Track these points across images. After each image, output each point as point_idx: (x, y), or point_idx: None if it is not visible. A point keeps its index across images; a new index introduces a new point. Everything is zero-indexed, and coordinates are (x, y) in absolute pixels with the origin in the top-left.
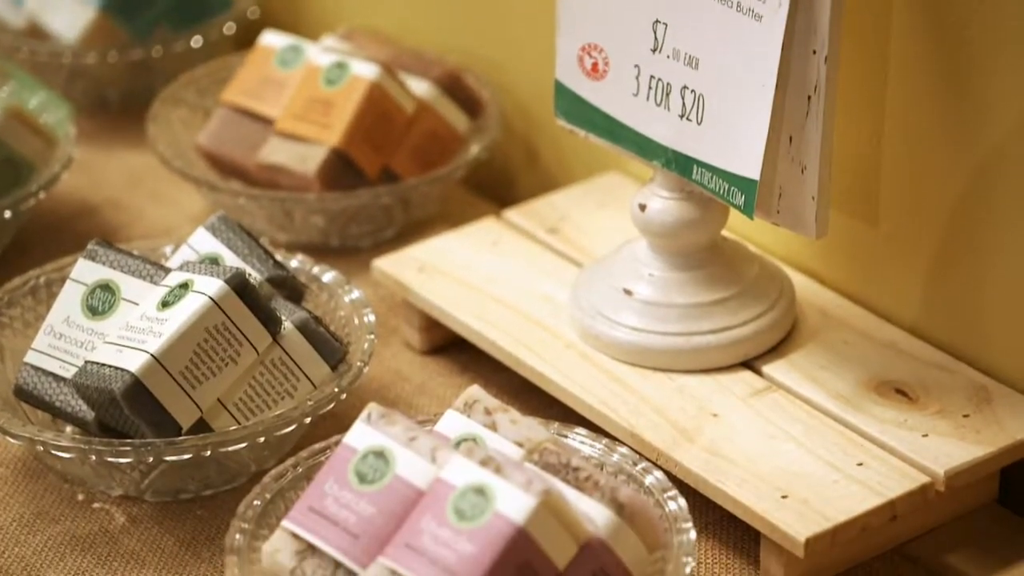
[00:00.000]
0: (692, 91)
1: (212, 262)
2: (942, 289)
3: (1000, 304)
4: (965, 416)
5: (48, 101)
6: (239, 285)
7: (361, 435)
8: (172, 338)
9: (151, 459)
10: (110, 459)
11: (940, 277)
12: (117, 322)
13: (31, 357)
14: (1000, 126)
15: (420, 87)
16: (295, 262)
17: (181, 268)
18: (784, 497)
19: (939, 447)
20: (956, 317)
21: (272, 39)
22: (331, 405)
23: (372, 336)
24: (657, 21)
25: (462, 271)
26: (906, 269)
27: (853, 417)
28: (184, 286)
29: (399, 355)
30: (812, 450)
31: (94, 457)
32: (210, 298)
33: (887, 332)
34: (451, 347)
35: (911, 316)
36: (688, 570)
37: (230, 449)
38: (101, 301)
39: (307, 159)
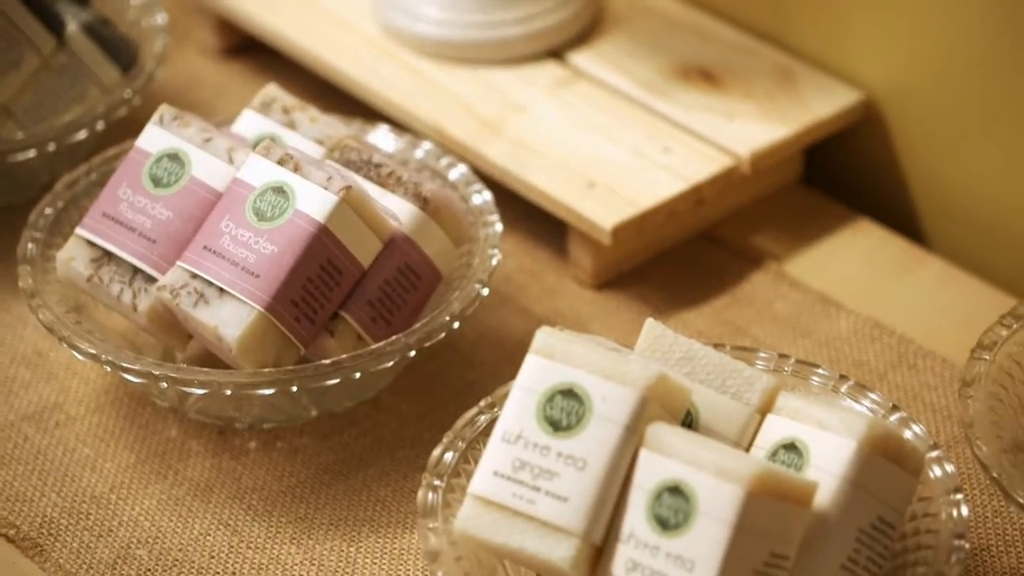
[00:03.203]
0: None
1: None
2: None
3: None
4: (770, 97)
5: None
6: None
7: (154, 137)
8: None
9: None
10: None
11: None
12: None
13: None
14: None
15: None
16: None
17: None
18: (591, 186)
19: (744, 129)
20: None
21: None
22: (123, 109)
23: (164, 37)
24: None
25: None
26: None
27: (659, 103)
28: None
29: (194, 59)
30: (618, 138)
31: None
32: None
33: (692, 17)
34: (249, 49)
35: None
36: (494, 262)
37: (18, 158)
38: None
39: None
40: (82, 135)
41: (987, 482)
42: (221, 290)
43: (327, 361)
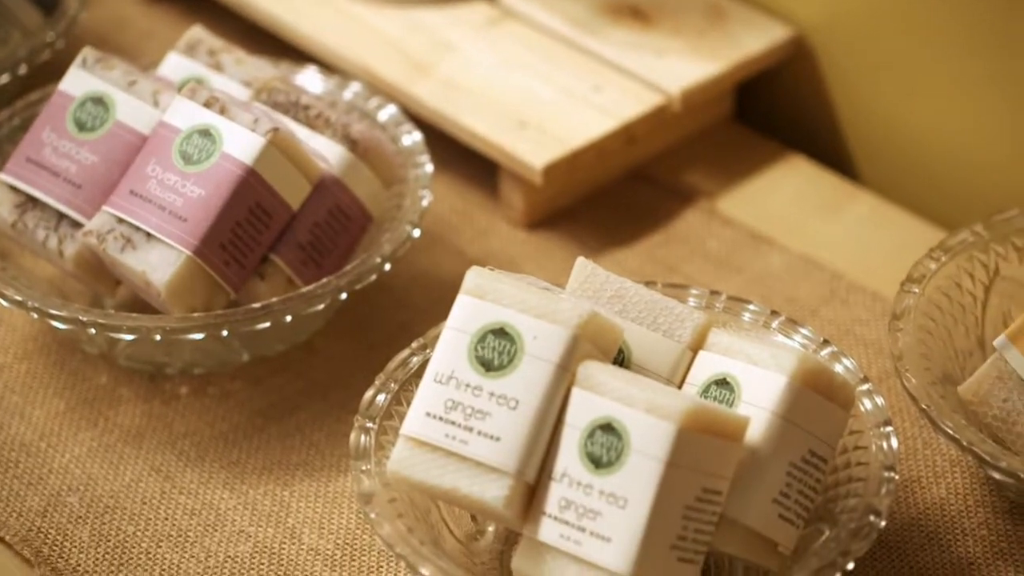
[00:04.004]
0: None
1: None
2: None
3: None
4: (700, 34)
5: None
6: None
7: (77, 81)
8: None
9: None
10: None
11: None
12: None
13: None
14: None
15: None
16: None
17: None
18: (521, 126)
19: (674, 66)
20: None
21: None
22: (46, 53)
23: None
24: None
25: None
26: None
27: (589, 41)
28: None
29: (119, 1)
30: (548, 77)
31: None
32: None
33: None
34: None
35: None
36: (425, 203)
37: None
38: None
39: None
40: (4, 79)
41: (917, 414)
42: (148, 235)
43: (257, 305)
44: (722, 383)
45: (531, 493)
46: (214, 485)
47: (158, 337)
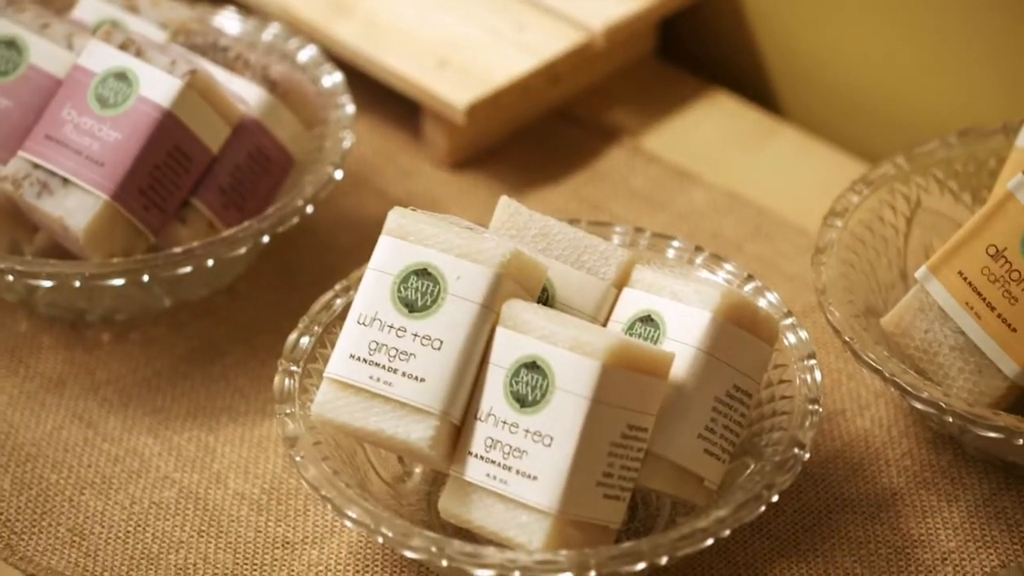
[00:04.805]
0: None
1: None
2: None
3: None
4: None
5: None
6: None
7: None
8: None
9: None
10: None
11: None
12: None
13: None
14: None
15: None
16: None
17: None
18: (444, 65)
19: (597, 3)
20: None
21: None
22: None
23: None
24: None
25: None
26: None
27: None
28: None
29: None
30: (472, 16)
31: None
32: None
33: None
34: None
35: None
36: (347, 144)
37: None
38: None
39: None
40: None
41: (841, 347)
42: (65, 180)
43: (178, 249)
44: (647, 320)
45: (457, 433)
46: (138, 432)
47: (77, 283)
